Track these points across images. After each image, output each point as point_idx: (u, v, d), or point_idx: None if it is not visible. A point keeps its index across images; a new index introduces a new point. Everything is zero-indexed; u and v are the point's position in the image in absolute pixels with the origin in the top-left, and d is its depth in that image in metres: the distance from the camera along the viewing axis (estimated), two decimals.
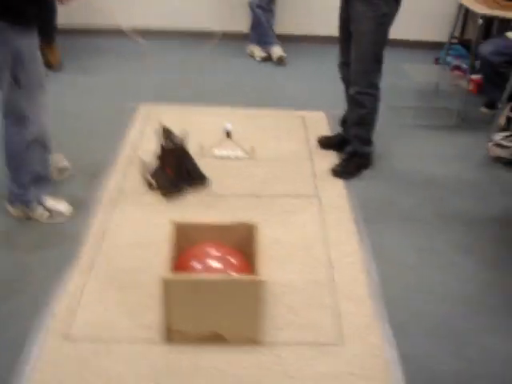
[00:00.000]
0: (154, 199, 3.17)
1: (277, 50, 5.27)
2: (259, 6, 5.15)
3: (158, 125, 3.29)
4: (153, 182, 3.26)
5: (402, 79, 4.41)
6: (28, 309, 2.40)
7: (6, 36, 2.55)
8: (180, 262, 2.30)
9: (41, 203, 2.97)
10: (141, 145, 3.70)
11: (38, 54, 2.73)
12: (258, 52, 5.39)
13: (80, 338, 2.26)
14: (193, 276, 2.19)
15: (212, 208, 3.11)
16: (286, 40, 5.48)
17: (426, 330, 2.39)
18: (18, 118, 2.75)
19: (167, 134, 3.23)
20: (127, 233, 2.89)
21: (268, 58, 5.35)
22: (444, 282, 2.66)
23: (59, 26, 4.95)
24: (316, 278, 2.62)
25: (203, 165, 3.43)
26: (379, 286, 2.59)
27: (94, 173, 3.40)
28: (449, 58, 4.92)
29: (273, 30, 5.33)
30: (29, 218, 2.98)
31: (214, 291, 2.13)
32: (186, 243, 2.38)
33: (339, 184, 3.38)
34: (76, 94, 4.49)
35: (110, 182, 3.31)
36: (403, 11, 3.22)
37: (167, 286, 2.10)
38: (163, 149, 3.23)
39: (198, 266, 2.27)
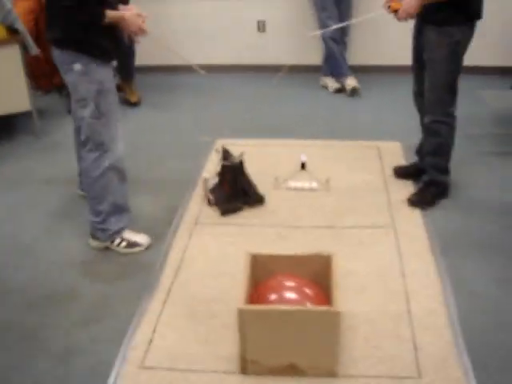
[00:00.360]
0: (230, 229, 3.22)
1: (350, 81, 5.28)
2: (332, 38, 5.18)
3: (219, 146, 3.46)
4: (211, 197, 3.41)
5: (479, 106, 4.33)
6: (107, 337, 2.48)
7: (91, 69, 2.80)
8: (256, 293, 2.31)
9: (119, 234, 3.09)
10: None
11: (115, 88, 2.96)
12: (332, 83, 5.41)
13: (156, 366, 2.30)
14: (269, 306, 2.19)
15: (287, 239, 3.12)
16: (359, 71, 5.48)
17: (506, 364, 2.31)
18: (96, 144, 2.92)
19: (226, 153, 3.40)
20: (203, 263, 2.94)
21: (342, 90, 5.36)
22: None
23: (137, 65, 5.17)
24: (393, 310, 2.58)
25: (277, 196, 3.48)
26: (458, 317, 2.53)
27: (170, 205, 3.49)
28: None
29: (346, 62, 5.35)
30: (107, 249, 3.10)
31: (290, 322, 2.13)
32: (262, 274, 2.39)
33: (416, 214, 3.33)
34: (153, 129, 4.63)
35: (185, 214, 3.39)
36: (478, 37, 3.17)
37: (243, 317, 2.12)
38: (221, 166, 3.40)
39: (274, 297, 2.27)
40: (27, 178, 3.93)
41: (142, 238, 3.13)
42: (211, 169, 3.80)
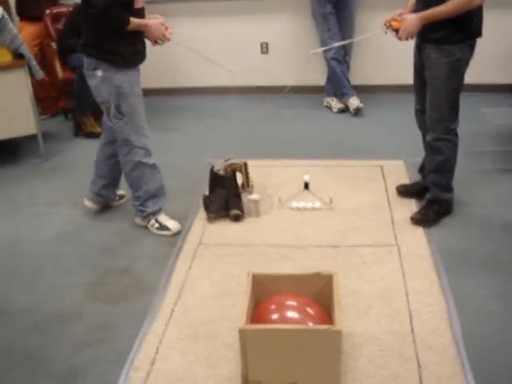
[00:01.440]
0: (233, 250, 3.22)
1: (353, 101, 5.30)
2: (334, 59, 5.23)
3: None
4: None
5: (480, 124, 4.33)
6: (109, 358, 2.48)
7: (110, 75, 3.10)
8: (257, 312, 2.31)
9: (155, 215, 3.44)
10: None
11: (138, 90, 3.23)
12: (335, 103, 5.45)
13: None
14: (269, 326, 2.18)
15: (290, 259, 3.12)
16: (362, 90, 5.52)
17: (510, 382, 2.28)
18: (124, 141, 3.27)
19: (224, 165, 3.64)
20: (206, 283, 2.94)
21: (345, 109, 5.39)
22: None
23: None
24: (396, 329, 2.56)
25: (281, 216, 3.49)
26: (461, 335, 2.51)
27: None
28: None
29: (349, 82, 5.38)
30: (145, 227, 3.48)
31: (291, 341, 2.13)
32: (264, 294, 2.39)
33: (419, 232, 3.32)
34: (157, 151, 4.63)
35: (189, 234, 3.41)
36: (480, 55, 3.18)
37: (244, 337, 2.11)
38: (212, 173, 3.63)
39: (275, 316, 2.26)
40: (33, 200, 3.96)
41: (172, 225, 3.44)
42: None
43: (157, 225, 3.43)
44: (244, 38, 5.81)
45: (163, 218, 3.45)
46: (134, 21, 3.01)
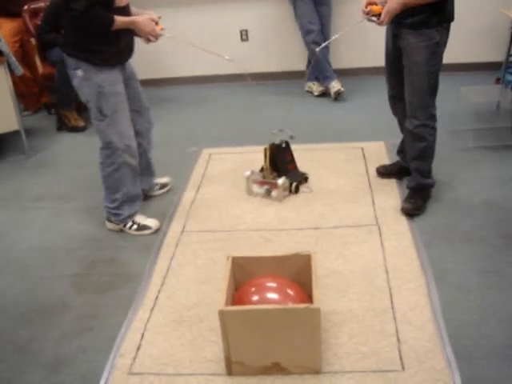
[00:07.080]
0: (216, 236, 3.26)
1: (335, 84, 5.32)
2: (315, 42, 5.24)
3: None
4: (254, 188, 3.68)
5: (461, 103, 4.37)
6: (96, 346, 2.53)
7: (90, 74, 3.02)
8: (238, 295, 2.36)
9: (131, 218, 3.36)
10: (203, 186, 3.83)
11: (120, 89, 3.13)
12: (316, 87, 5.47)
13: (144, 372, 2.34)
14: (248, 306, 2.23)
15: (272, 243, 3.16)
16: (342, 74, 5.55)
17: (489, 354, 2.33)
18: (105, 143, 3.17)
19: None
20: (189, 270, 2.98)
21: (326, 93, 5.42)
22: (507, 305, 2.60)
23: None
24: (376, 306, 2.62)
25: (261, 201, 3.53)
26: (441, 310, 2.56)
27: (158, 212, 3.56)
28: (509, 77, 4.84)
29: (330, 65, 5.40)
30: (121, 231, 3.39)
31: (271, 321, 2.17)
32: (244, 277, 2.44)
33: (398, 211, 3.37)
34: None
35: (172, 222, 3.45)
36: (458, 34, 3.19)
37: (224, 318, 2.16)
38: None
39: (255, 298, 2.31)
40: (17, 196, 3.98)
41: (151, 222, 3.38)
42: (196, 180, 3.93)
43: (135, 226, 3.35)
44: (223, 26, 5.82)
45: (140, 218, 3.39)
46: (120, 19, 2.93)
